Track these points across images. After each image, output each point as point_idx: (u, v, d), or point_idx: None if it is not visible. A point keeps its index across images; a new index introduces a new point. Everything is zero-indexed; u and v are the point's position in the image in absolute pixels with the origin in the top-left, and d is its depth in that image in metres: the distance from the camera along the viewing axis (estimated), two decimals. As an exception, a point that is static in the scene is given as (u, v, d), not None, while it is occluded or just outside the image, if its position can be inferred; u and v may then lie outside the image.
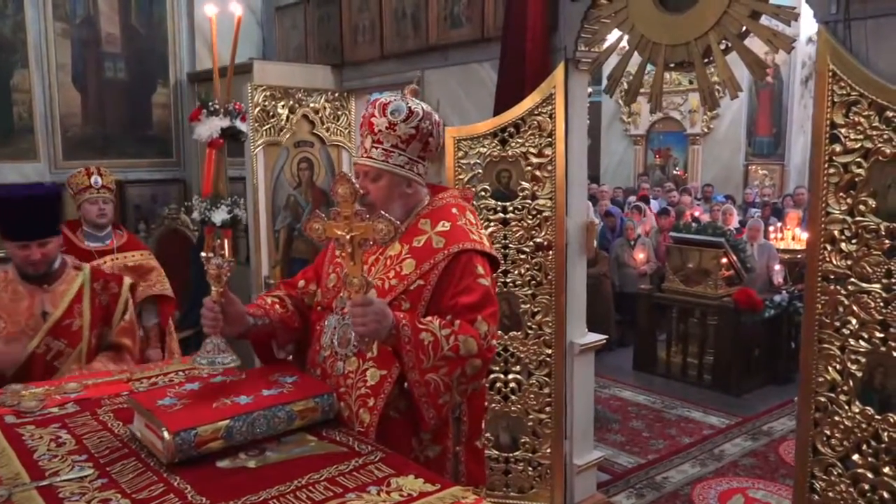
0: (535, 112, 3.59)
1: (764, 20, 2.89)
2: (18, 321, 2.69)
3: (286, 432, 1.98)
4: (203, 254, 2.05)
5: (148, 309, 4.00)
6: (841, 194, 2.61)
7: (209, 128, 1.99)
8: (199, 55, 5.65)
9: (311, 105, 4.88)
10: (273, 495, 1.66)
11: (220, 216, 1.94)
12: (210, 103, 2.00)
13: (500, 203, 3.69)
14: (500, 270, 3.26)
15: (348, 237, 1.80)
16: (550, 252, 3.60)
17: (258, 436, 1.91)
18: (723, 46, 2.98)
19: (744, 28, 2.91)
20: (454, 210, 2.11)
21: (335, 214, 1.83)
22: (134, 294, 3.12)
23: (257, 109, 4.55)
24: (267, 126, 4.63)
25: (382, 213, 1.81)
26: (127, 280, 3.06)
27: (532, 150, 3.62)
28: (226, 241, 2.02)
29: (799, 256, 7.14)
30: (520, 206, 3.66)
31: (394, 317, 1.86)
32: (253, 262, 4.69)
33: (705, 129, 12.00)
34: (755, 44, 2.86)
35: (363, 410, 1.97)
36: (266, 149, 4.66)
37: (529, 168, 3.63)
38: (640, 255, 7.68)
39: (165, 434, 1.77)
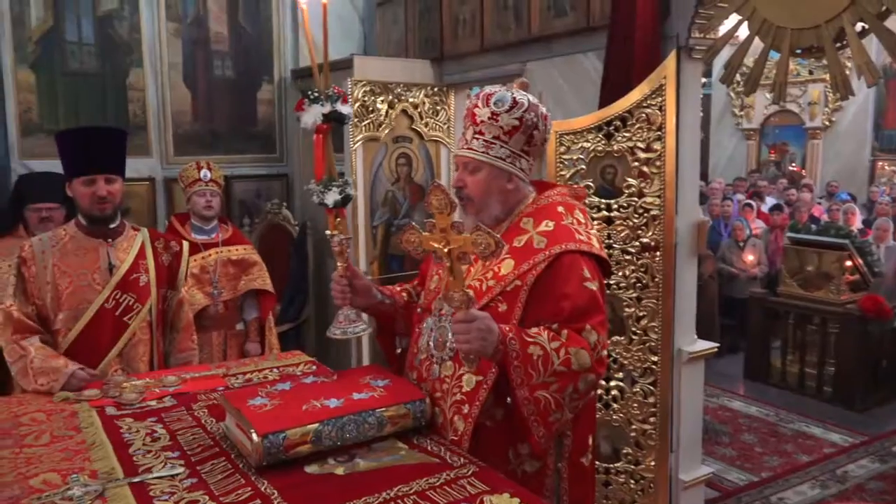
0: (644, 104, 3.37)
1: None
2: (84, 275, 2.63)
3: (376, 438, 1.91)
4: (328, 232, 2.08)
5: (249, 303, 4.07)
6: None
7: (312, 115, 2.01)
8: (302, 52, 5.72)
9: (411, 100, 4.83)
10: (361, 507, 1.58)
11: (332, 198, 1.97)
12: (309, 91, 1.99)
13: (604, 201, 3.50)
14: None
15: (446, 250, 1.70)
16: (658, 253, 3.39)
17: (348, 441, 1.85)
18: (858, 28, 2.69)
19: (884, 7, 2.61)
20: (560, 209, 1.96)
21: (431, 226, 1.75)
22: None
23: (357, 105, 4.55)
24: (366, 121, 4.62)
25: (482, 225, 1.70)
26: (185, 242, 3.04)
27: (640, 144, 3.41)
28: (341, 220, 2.03)
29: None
30: (625, 204, 3.46)
31: (500, 330, 1.73)
32: (350, 258, 4.69)
33: (826, 123, 11.20)
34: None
35: (458, 417, 1.88)
36: (365, 144, 4.65)
37: (636, 164, 3.42)
38: (749, 258, 7.23)
39: (254, 436, 1.73)
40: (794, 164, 11.79)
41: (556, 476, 1.95)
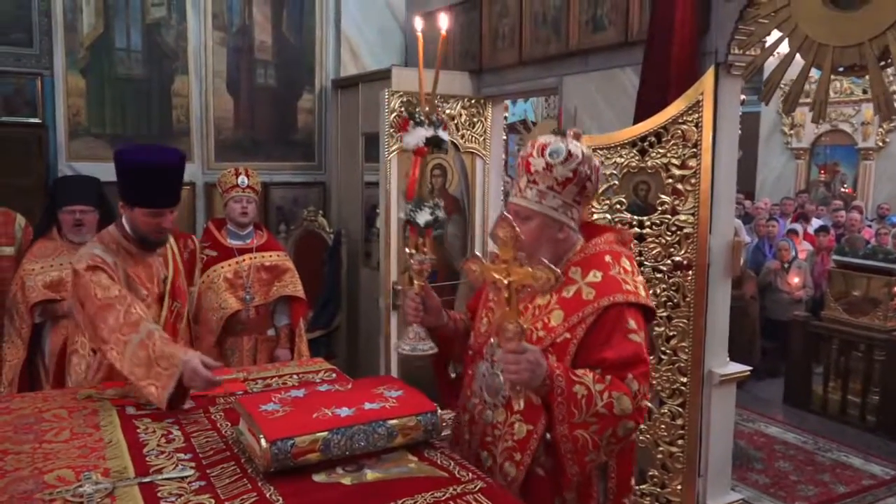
0: (680, 120, 3.32)
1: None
2: (152, 288, 2.64)
3: (386, 449, 1.90)
4: (407, 250, 2.13)
5: (280, 310, 4.10)
6: None
7: (415, 137, 2.11)
8: (343, 62, 5.79)
9: (448, 111, 4.83)
10: (363, 518, 1.57)
11: (423, 217, 2.05)
12: (416, 114, 2.08)
13: (636, 217, 3.45)
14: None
15: (506, 282, 1.74)
16: (690, 272, 3.32)
17: (357, 451, 1.84)
18: (904, 47, 2.60)
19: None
20: (607, 258, 1.97)
21: (494, 257, 1.79)
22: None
23: (393, 115, 4.57)
24: (402, 132, 4.64)
25: (544, 260, 1.75)
26: (195, 237, 3.07)
27: (674, 160, 3.35)
28: (427, 240, 2.09)
29: None
30: (658, 222, 3.40)
31: (548, 366, 1.78)
32: (382, 267, 4.71)
33: (880, 143, 10.86)
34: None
35: (509, 464, 1.93)
36: (400, 154, 4.67)
37: (671, 180, 3.36)
38: (795, 280, 7.04)
39: (263, 442, 1.73)
40: (845, 186, 11.46)
41: None
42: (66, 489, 1.66)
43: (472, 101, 4.94)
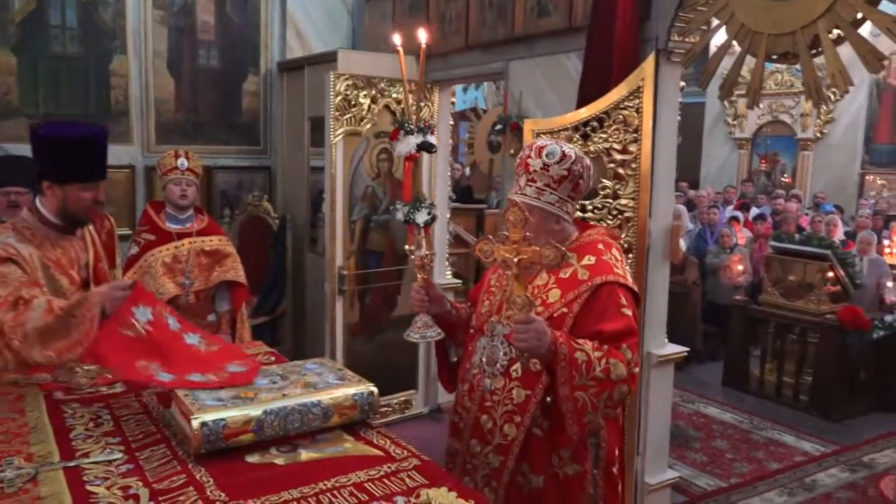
0: (621, 106, 3.36)
1: (885, 6, 2.57)
2: (74, 275, 2.50)
3: (322, 430, 1.89)
4: (407, 247, 2.28)
5: (221, 295, 4.03)
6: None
7: (407, 145, 2.26)
8: (289, 45, 5.70)
9: (394, 95, 4.81)
10: (295, 497, 1.57)
11: (422, 217, 2.23)
12: (406, 125, 2.24)
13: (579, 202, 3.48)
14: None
15: (515, 260, 1.91)
16: (630, 255, 3.37)
17: (291, 431, 1.83)
18: (833, 36, 2.68)
19: (859, 15, 2.60)
20: (600, 246, 2.20)
21: (504, 238, 1.95)
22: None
23: (338, 98, 4.52)
24: (348, 115, 4.60)
25: (550, 240, 1.94)
26: (111, 217, 2.99)
27: (616, 145, 3.40)
28: (427, 238, 2.27)
29: (917, 274, 6.52)
30: (600, 206, 3.45)
31: (552, 334, 1.95)
32: (328, 253, 4.67)
33: (818, 134, 11.21)
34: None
35: (508, 425, 2.12)
36: (346, 138, 4.63)
37: (612, 165, 3.41)
38: (738, 267, 7.23)
39: (193, 423, 1.71)
40: (785, 176, 11.80)
41: (593, 481, 2.18)
42: (-14, 474, 1.61)
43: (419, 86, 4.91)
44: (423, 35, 2.27)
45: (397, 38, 2.32)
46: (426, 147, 2.26)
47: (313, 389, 1.92)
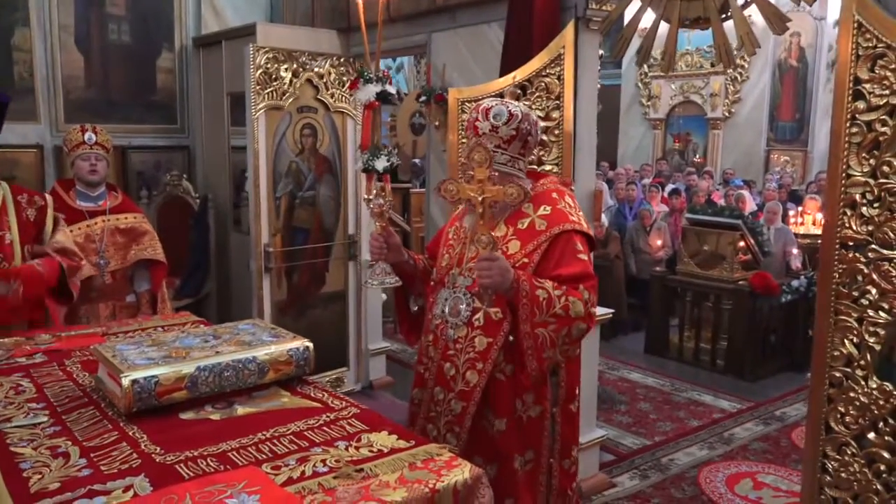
0: (543, 73, 3.42)
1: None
2: None
3: (258, 386, 1.87)
4: (365, 196, 2.30)
5: (140, 274, 3.90)
6: (864, 155, 2.44)
7: (366, 93, 2.30)
8: (205, 19, 5.53)
9: (316, 70, 4.74)
10: (234, 447, 1.55)
11: (381, 164, 2.26)
12: (365, 73, 2.31)
13: (504, 168, 3.53)
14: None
15: (480, 199, 1.97)
16: (556, 220, 3.45)
17: (226, 388, 1.80)
18: (741, 2, 2.81)
19: (765, -20, 2.73)
20: (554, 195, 2.27)
21: (469, 178, 2.00)
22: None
23: (259, 72, 4.43)
24: (269, 89, 4.50)
25: (515, 177, 2.04)
26: (48, 196, 2.94)
27: (539, 112, 3.45)
28: (386, 185, 2.30)
29: (819, 242, 6.90)
30: (525, 172, 3.51)
31: (514, 272, 2.03)
32: (253, 231, 4.57)
33: (726, 114, 11.72)
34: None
35: (471, 372, 2.17)
36: (268, 113, 4.53)
37: (536, 132, 3.47)
38: (657, 242, 7.49)
39: (124, 381, 1.66)
40: (697, 156, 12.27)
41: (552, 419, 2.26)
42: None
43: (342, 60, 4.87)
44: None
45: None
46: (384, 95, 2.29)
47: (248, 346, 1.89)
